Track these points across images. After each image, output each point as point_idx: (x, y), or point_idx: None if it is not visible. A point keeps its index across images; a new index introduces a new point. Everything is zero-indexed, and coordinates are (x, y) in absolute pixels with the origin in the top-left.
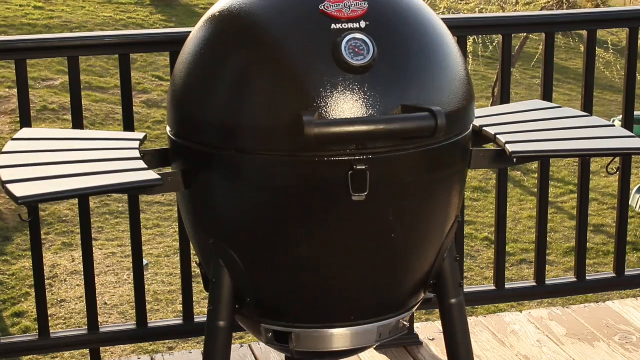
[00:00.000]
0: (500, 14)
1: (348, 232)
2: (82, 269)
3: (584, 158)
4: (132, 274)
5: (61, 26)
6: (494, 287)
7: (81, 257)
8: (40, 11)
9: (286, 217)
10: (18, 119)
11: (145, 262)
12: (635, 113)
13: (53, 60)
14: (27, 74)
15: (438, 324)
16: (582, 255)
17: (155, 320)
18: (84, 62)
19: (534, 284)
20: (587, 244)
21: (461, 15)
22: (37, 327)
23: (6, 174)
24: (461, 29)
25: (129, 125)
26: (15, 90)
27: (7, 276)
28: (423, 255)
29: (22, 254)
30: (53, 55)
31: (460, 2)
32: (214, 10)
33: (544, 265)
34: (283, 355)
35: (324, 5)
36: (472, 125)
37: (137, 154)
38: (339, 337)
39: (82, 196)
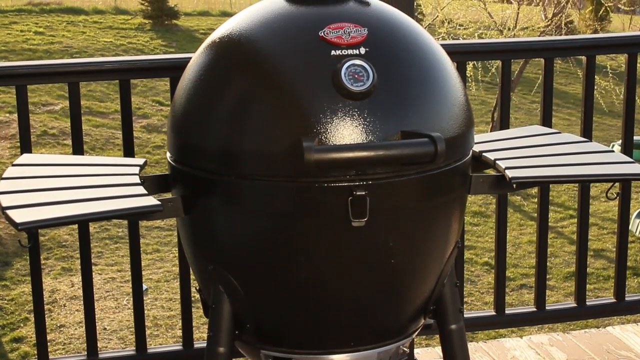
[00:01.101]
0: (499, 39)
1: (348, 258)
2: (82, 294)
3: (584, 183)
4: (131, 299)
5: (62, 51)
6: (494, 313)
7: (80, 282)
8: (41, 36)
9: (286, 243)
10: (18, 144)
11: (144, 287)
12: (635, 138)
13: (53, 85)
14: (27, 99)
15: (438, 350)
16: (582, 280)
17: (154, 345)
18: (84, 87)
19: (534, 309)
20: (587, 268)
21: (460, 41)
22: (36, 352)
23: (6, 200)
24: (460, 54)
25: (129, 151)
26: (16, 115)
27: (6, 301)
28: (423, 281)
29: (22, 279)
30: (53, 81)
31: (459, 27)
32: (214, 36)
33: (544, 290)
34: None
35: (323, 32)
36: (471, 151)
37: (137, 179)
38: None
39: (82, 222)
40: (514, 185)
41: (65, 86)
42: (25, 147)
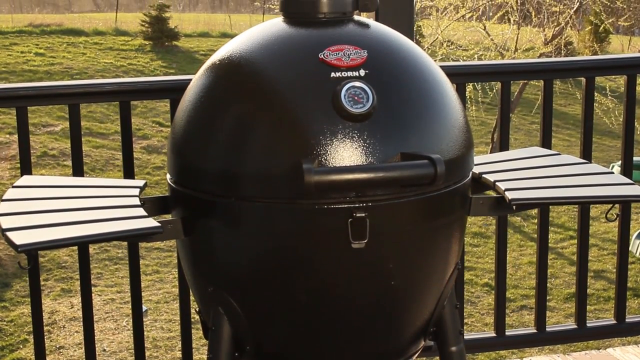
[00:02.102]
0: (499, 61)
1: (348, 280)
2: (81, 315)
3: (584, 205)
4: (131, 320)
5: (62, 72)
6: (494, 334)
7: (80, 303)
8: (42, 58)
9: (286, 265)
10: (18, 165)
11: (144, 308)
12: (635, 159)
13: (53, 106)
14: (27, 120)
15: None
16: (582, 301)
17: None
18: (85, 108)
19: (535, 330)
20: (588, 289)
21: (459, 63)
22: None
23: (6, 222)
24: (460, 76)
25: (129, 172)
26: (16, 136)
27: (5, 322)
28: (423, 303)
29: (21, 300)
30: (54, 102)
31: (459, 48)
32: (214, 58)
33: (545, 311)
34: None
35: (323, 54)
36: (471, 173)
37: (137, 201)
38: None
39: (82, 244)
40: (514, 207)
41: (65, 107)
42: (26, 168)
